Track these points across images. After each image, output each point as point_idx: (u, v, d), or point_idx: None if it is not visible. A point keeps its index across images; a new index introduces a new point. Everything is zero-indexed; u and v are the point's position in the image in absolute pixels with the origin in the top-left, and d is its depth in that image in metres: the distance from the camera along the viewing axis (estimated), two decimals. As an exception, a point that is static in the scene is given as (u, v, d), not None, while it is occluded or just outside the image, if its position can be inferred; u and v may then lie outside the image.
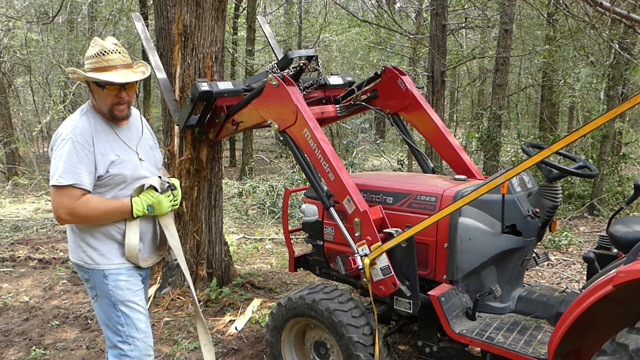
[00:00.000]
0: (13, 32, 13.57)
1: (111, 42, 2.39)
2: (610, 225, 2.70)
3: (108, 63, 2.33)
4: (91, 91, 2.41)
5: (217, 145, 4.39)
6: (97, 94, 2.39)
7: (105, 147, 2.38)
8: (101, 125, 2.42)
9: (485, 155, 9.67)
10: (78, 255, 2.47)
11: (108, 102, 2.39)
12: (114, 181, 2.40)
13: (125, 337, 2.48)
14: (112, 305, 2.46)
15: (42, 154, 16.07)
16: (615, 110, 1.99)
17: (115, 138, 2.46)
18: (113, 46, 2.36)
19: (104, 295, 2.46)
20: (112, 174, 2.38)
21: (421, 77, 11.58)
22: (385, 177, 3.51)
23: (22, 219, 8.26)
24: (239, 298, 4.54)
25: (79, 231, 2.44)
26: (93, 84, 2.36)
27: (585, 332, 2.24)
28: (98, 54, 2.32)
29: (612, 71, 7.97)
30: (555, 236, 6.36)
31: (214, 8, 4.22)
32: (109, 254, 2.45)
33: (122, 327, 2.48)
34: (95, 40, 2.40)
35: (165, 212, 2.52)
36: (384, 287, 2.75)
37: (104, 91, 2.36)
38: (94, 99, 2.43)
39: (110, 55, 2.34)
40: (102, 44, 2.36)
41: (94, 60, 2.33)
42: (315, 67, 3.56)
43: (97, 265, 2.44)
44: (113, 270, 2.46)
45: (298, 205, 7.56)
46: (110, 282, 2.45)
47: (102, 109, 2.42)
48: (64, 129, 2.34)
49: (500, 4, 9.58)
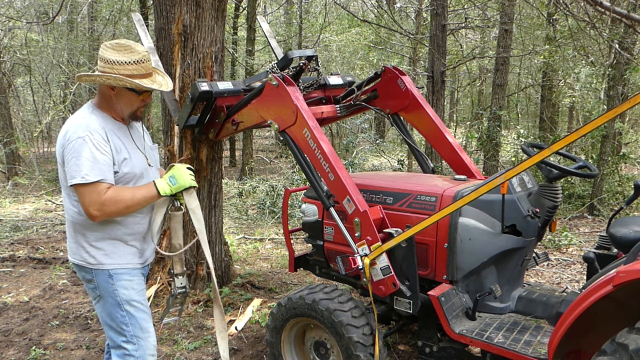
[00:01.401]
0: (13, 32, 13.56)
1: (142, 47, 2.42)
2: (610, 225, 2.70)
3: (146, 70, 2.41)
4: (115, 95, 2.40)
5: (217, 145, 4.39)
6: (127, 98, 2.41)
7: (118, 145, 2.39)
8: (111, 124, 2.43)
9: (485, 155, 9.67)
10: (80, 255, 2.45)
11: (135, 106, 2.46)
12: (124, 179, 2.41)
13: (130, 337, 2.48)
14: (117, 305, 2.45)
15: (42, 154, 16.08)
16: (615, 110, 1.99)
17: (126, 137, 2.48)
18: (146, 53, 2.42)
19: (109, 295, 2.45)
20: (124, 172, 2.40)
21: (421, 77, 11.59)
22: (385, 177, 3.51)
23: (22, 219, 8.26)
24: (239, 298, 4.54)
25: (82, 231, 2.42)
26: (125, 90, 2.38)
27: (585, 332, 2.24)
28: (140, 60, 2.37)
29: (612, 71, 7.97)
30: (555, 236, 6.36)
31: (213, 8, 4.22)
32: (114, 253, 2.44)
33: (127, 326, 2.48)
34: (123, 43, 2.38)
35: (188, 182, 2.49)
36: (384, 287, 2.75)
37: (138, 97, 2.42)
38: (118, 102, 2.42)
39: (147, 63, 2.41)
40: (139, 49, 2.39)
41: (137, 67, 2.36)
42: (315, 67, 3.56)
43: (102, 265, 2.43)
44: (118, 270, 2.45)
45: (298, 205, 7.56)
46: (116, 282, 2.44)
47: (123, 111, 2.45)
48: (77, 127, 2.30)
49: (500, 4, 9.58)
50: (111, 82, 2.34)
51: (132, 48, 2.37)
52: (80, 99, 14.18)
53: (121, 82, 2.33)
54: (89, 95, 14.79)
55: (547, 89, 11.57)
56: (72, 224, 2.45)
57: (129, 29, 14.40)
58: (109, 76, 2.31)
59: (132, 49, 2.37)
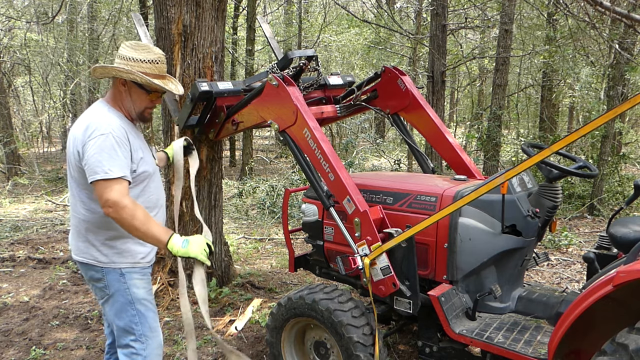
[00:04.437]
0: (13, 32, 13.56)
1: (160, 51, 2.49)
2: (610, 225, 2.70)
3: (160, 71, 2.47)
4: (126, 91, 2.43)
5: (217, 145, 4.39)
6: (136, 96, 2.44)
7: (135, 144, 2.41)
8: (127, 123, 2.45)
9: (485, 155, 9.67)
10: (90, 254, 2.42)
11: (143, 106, 2.48)
12: (140, 178, 2.43)
13: (139, 336, 2.48)
14: (128, 303, 2.45)
15: (42, 154, 16.08)
16: (615, 110, 1.99)
17: (139, 136, 2.53)
18: (163, 56, 2.49)
19: (120, 295, 2.44)
20: (141, 171, 2.42)
21: (421, 77, 11.59)
22: (385, 177, 3.51)
23: (22, 219, 8.26)
24: (239, 298, 4.54)
25: (94, 229, 2.40)
26: (136, 86, 2.41)
27: (585, 332, 2.24)
28: (155, 61, 2.43)
29: (612, 71, 7.97)
30: (555, 236, 6.36)
31: (214, 8, 4.22)
32: (126, 252, 2.44)
33: (136, 325, 2.48)
34: (142, 44, 2.45)
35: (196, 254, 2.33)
36: (384, 287, 2.75)
37: (148, 96, 2.46)
38: (128, 98, 2.44)
39: (162, 65, 2.48)
40: (157, 51, 2.46)
41: (150, 67, 2.41)
42: (315, 67, 3.56)
43: (114, 263, 2.42)
44: (130, 268, 2.45)
45: (298, 205, 7.56)
46: (128, 281, 2.44)
47: (132, 109, 2.47)
48: (99, 124, 2.28)
49: (500, 4, 9.58)
50: (122, 74, 2.37)
51: (149, 48, 2.45)
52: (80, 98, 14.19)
53: (132, 76, 2.36)
54: (88, 95, 14.80)
55: (547, 89, 11.57)
56: (82, 222, 2.42)
57: (129, 29, 14.41)
58: (122, 69, 2.36)
59: (150, 49, 2.44)
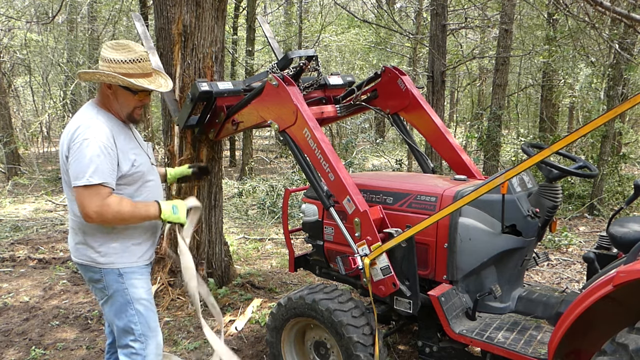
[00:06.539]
0: (13, 32, 13.56)
1: (142, 48, 2.41)
2: (610, 225, 2.70)
3: (144, 70, 2.38)
4: (112, 94, 2.39)
5: (217, 145, 4.39)
6: (123, 98, 2.40)
7: (124, 146, 2.39)
8: (117, 124, 2.42)
9: (485, 155, 9.67)
10: (88, 256, 2.43)
11: (131, 106, 2.44)
12: (132, 179, 2.42)
13: (138, 336, 2.48)
14: (127, 303, 2.45)
15: (42, 154, 16.07)
16: (615, 110, 1.99)
17: (130, 137, 2.49)
18: (145, 53, 2.40)
19: (119, 295, 2.45)
20: (131, 172, 2.40)
21: (421, 77, 11.59)
22: (385, 177, 3.51)
23: (22, 219, 8.26)
24: (239, 298, 4.54)
25: (92, 231, 2.40)
26: (121, 88, 2.37)
27: (585, 332, 2.24)
28: (137, 60, 2.35)
29: (612, 71, 7.97)
30: (555, 236, 6.36)
31: (214, 8, 4.22)
32: (125, 252, 2.44)
33: (136, 325, 2.48)
34: (123, 43, 2.38)
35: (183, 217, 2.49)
36: (384, 287, 2.75)
37: (134, 96, 2.40)
38: (115, 101, 2.41)
39: (145, 62, 2.39)
40: (137, 49, 2.37)
41: (131, 66, 2.34)
42: (315, 67, 3.56)
43: (112, 264, 2.42)
44: (128, 268, 2.45)
45: (298, 205, 7.56)
46: (126, 281, 2.44)
47: (121, 111, 2.43)
48: (84, 128, 2.28)
49: (500, 4, 9.58)
50: (104, 79, 2.33)
51: (130, 47, 2.37)
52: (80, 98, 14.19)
53: (114, 80, 2.32)
54: (88, 95, 14.80)
55: (547, 89, 11.57)
56: (79, 224, 2.41)
57: (129, 29, 14.42)
58: (103, 73, 2.31)
59: (130, 48, 2.36)
